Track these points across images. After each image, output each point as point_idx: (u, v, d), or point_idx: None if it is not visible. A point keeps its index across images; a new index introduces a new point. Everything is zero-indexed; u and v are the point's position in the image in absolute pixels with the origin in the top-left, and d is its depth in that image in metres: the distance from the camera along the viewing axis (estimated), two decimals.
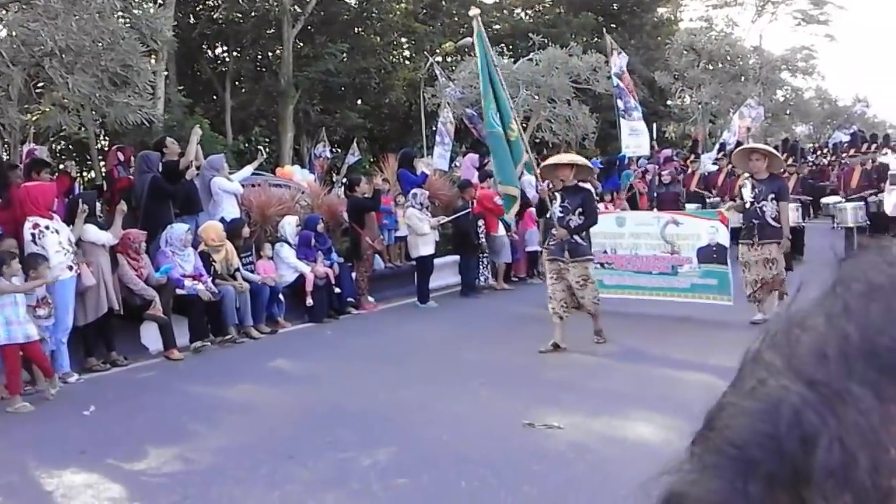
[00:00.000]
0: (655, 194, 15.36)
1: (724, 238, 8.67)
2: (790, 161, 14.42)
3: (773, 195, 7.97)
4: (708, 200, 12.80)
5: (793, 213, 11.00)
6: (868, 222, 12.12)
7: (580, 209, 7.38)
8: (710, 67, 28.04)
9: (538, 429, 5.23)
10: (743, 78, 28.07)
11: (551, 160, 7.88)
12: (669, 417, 5.31)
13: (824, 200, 14.92)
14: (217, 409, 6.14)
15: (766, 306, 8.13)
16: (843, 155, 21.65)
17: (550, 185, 7.80)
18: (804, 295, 0.39)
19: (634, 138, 17.24)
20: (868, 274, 0.37)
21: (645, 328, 8.26)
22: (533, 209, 12.65)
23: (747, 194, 8.20)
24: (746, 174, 8.63)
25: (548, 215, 8.04)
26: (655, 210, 12.63)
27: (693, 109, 27.74)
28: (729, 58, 28.62)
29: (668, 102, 28.39)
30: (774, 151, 8.42)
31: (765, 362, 0.36)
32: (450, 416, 5.67)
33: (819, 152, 27.95)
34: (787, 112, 34.05)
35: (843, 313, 0.35)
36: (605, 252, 9.24)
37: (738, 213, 8.85)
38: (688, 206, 13.50)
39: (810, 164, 22.22)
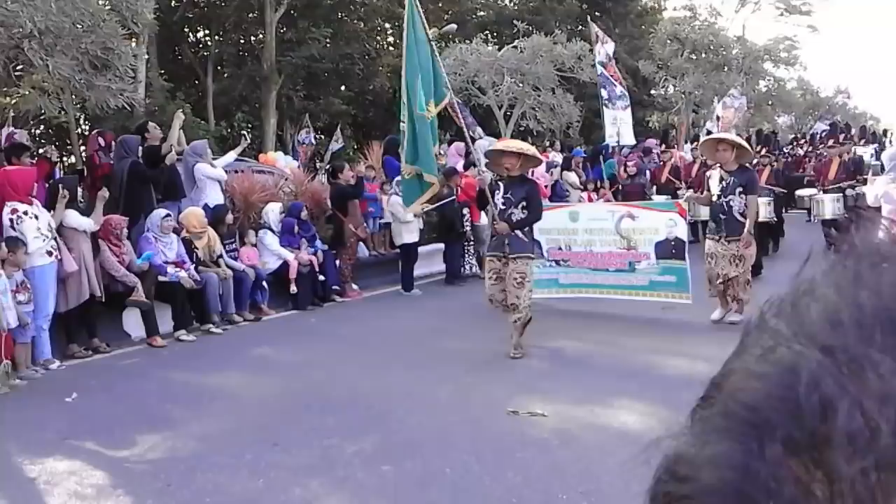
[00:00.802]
0: (620, 186, 14.62)
1: (682, 231, 8.25)
2: (763, 152, 13.50)
3: (741, 188, 7.55)
4: (679, 192, 12.03)
5: (765, 207, 10.69)
6: (846, 215, 11.37)
7: (524, 202, 6.78)
8: (694, 57, 28.16)
9: (522, 416, 5.26)
10: (726, 68, 28.21)
11: (497, 145, 7.27)
12: (651, 405, 5.36)
13: (799, 193, 14.28)
14: (200, 397, 6.12)
15: (724, 307, 7.81)
16: (821, 146, 21.19)
17: (494, 176, 7.44)
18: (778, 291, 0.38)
19: (618, 127, 17.27)
20: (877, 245, 0.37)
21: (627, 317, 8.31)
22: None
23: (714, 186, 7.76)
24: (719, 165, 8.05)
25: (488, 207, 7.39)
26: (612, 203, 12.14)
27: (677, 99, 27.86)
28: (712, 47, 28.75)
29: (652, 92, 28.46)
30: (742, 142, 7.96)
31: (772, 330, 0.36)
32: (434, 403, 5.69)
33: (795, 142, 27.01)
34: (770, 102, 34.28)
35: (855, 282, 0.35)
36: (561, 249, 8.81)
37: (704, 206, 8.44)
38: (658, 197, 12.78)
39: (786, 154, 21.68)
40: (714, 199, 7.74)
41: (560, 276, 8.81)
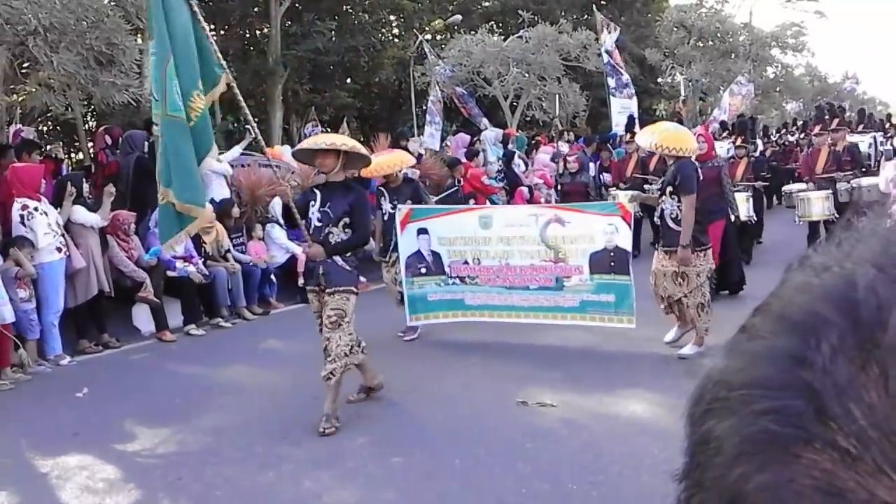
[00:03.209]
0: (559, 186, 12.52)
1: (624, 239, 6.56)
2: (739, 141, 11.57)
3: (671, 188, 6.22)
4: (647, 187, 10.30)
5: (743, 205, 9.70)
6: (836, 216, 9.51)
7: (346, 218, 5.13)
8: (701, 44, 27.98)
9: (531, 407, 5.25)
10: (733, 55, 28.02)
11: (305, 143, 5.55)
12: (660, 395, 5.35)
13: (786, 188, 12.23)
14: (210, 391, 6.14)
15: (682, 326, 6.59)
16: (805, 133, 18.77)
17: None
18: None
19: (625, 115, 17.20)
20: None
21: (638, 307, 8.27)
22: (524, 189, 12.65)
23: (655, 185, 6.76)
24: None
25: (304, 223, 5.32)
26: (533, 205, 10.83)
27: (683, 87, 27.71)
28: (719, 34, 28.54)
29: (659, 80, 28.32)
30: (683, 132, 6.52)
31: (816, 263, 0.37)
32: (443, 394, 5.69)
33: (785, 129, 24.19)
34: (777, 89, 34.06)
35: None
36: (468, 263, 7.12)
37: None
38: (625, 193, 10.29)
39: (773, 143, 18.76)
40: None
41: (466, 295, 7.17)
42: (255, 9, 22.28)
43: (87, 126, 18.03)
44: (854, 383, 0.32)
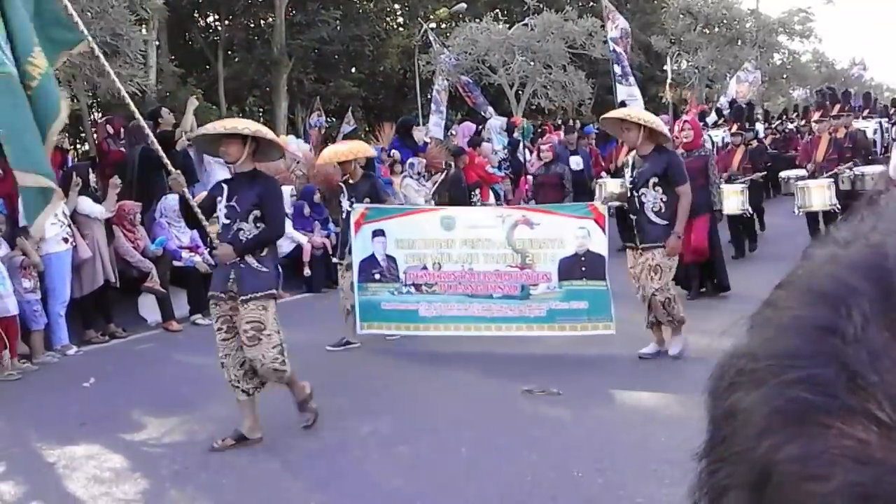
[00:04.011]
0: (532, 178, 11.44)
1: (598, 244, 6.12)
2: (735, 128, 10.94)
3: (655, 179, 5.73)
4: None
5: (737, 197, 9.27)
6: (838, 207, 8.96)
7: (256, 211, 4.56)
8: (707, 31, 27.80)
9: (537, 395, 5.25)
10: (740, 42, 27.85)
11: (204, 129, 4.99)
12: (666, 382, 5.34)
13: (784, 174, 11.65)
14: (216, 380, 6.10)
15: (659, 335, 6.05)
16: (805, 120, 18.01)
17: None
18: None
19: (632, 103, 17.11)
20: None
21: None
22: (530, 177, 12.52)
23: (628, 177, 6.03)
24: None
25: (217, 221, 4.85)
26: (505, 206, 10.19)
27: (690, 74, 27.55)
28: (725, 21, 28.34)
29: (665, 67, 28.15)
30: (653, 123, 5.85)
31: (840, 238, 0.36)
32: (448, 383, 5.69)
33: (785, 116, 22.96)
34: (784, 76, 33.86)
35: None
36: (426, 268, 6.53)
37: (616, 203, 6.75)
38: (614, 183, 9.54)
39: (773, 130, 18.03)
40: (629, 194, 5.98)
41: (420, 306, 6.53)
42: None
43: (91, 117, 18.03)
44: (887, 351, 0.31)
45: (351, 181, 6.81)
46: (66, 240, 7.18)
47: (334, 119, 21.76)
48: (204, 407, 5.49)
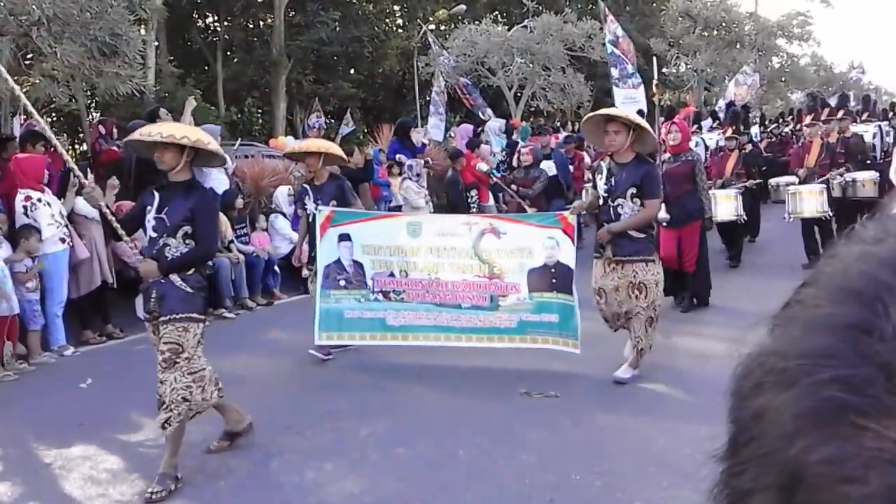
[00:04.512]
0: (569, 175, 11.26)
1: (567, 255, 5.83)
2: (730, 132, 10.57)
3: (634, 190, 5.37)
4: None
5: (730, 203, 9.09)
6: (831, 213, 8.74)
7: (186, 227, 4.23)
8: (706, 34, 27.87)
9: (535, 397, 5.25)
10: (738, 45, 27.90)
11: (139, 134, 4.47)
12: (664, 385, 5.34)
13: (773, 181, 11.20)
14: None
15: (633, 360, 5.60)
16: (799, 124, 16.87)
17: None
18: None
19: (629, 106, 17.10)
20: None
21: None
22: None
23: (600, 185, 5.56)
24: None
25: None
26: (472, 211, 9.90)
27: (688, 77, 27.60)
28: (724, 24, 28.42)
29: (664, 70, 28.16)
30: (642, 122, 5.57)
31: (867, 236, 0.36)
32: (446, 385, 5.68)
33: (781, 119, 22.66)
34: (783, 79, 33.93)
35: None
36: (393, 275, 6.27)
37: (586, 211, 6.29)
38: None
39: (770, 133, 17.91)
40: (601, 203, 5.57)
41: (388, 314, 6.27)
42: None
43: (90, 117, 18.04)
44: None
45: (316, 182, 6.47)
46: (63, 240, 7.17)
47: (333, 120, 21.75)
48: None
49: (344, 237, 6.27)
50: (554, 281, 5.87)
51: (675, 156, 7.52)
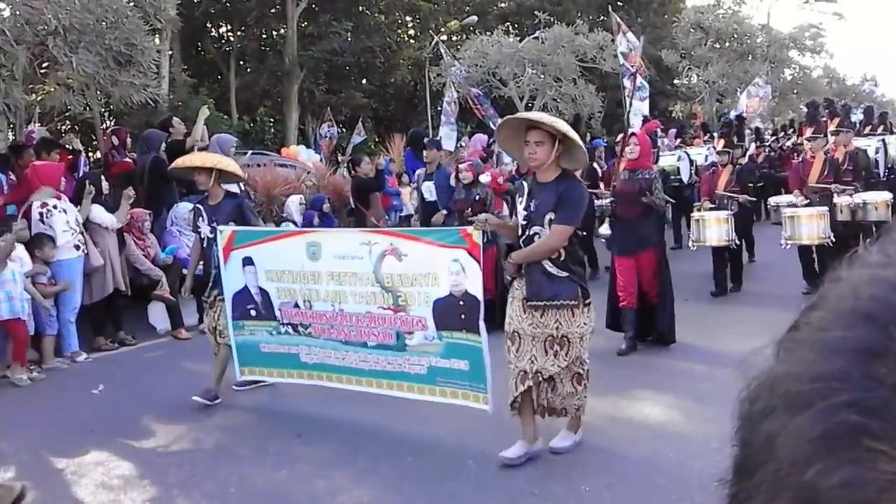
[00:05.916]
0: (450, 199, 8.48)
1: (473, 282, 4.57)
2: (722, 145, 9.31)
3: (552, 215, 4.24)
4: (597, 202, 7.53)
5: (719, 227, 8.14)
6: (832, 239, 7.61)
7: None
8: (718, 46, 27.85)
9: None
10: (750, 56, 27.87)
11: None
12: (673, 398, 5.33)
13: (773, 200, 10.06)
14: (224, 389, 6.16)
15: (528, 430, 4.44)
16: (799, 137, 14.85)
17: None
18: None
19: (636, 118, 17.09)
20: None
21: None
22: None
23: (519, 209, 4.47)
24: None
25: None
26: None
27: (700, 88, 27.57)
28: (736, 36, 28.40)
29: (675, 81, 28.19)
30: (571, 133, 4.21)
31: (874, 261, 0.36)
32: None
33: (782, 132, 20.94)
34: (795, 91, 33.81)
35: None
36: (298, 306, 5.36)
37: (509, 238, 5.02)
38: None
39: (767, 147, 16.29)
40: (519, 231, 4.45)
41: (301, 350, 5.42)
42: (272, 9, 22.41)
43: (104, 126, 18.19)
44: None
45: (210, 202, 5.85)
46: (77, 247, 7.23)
47: (345, 130, 21.84)
48: (212, 415, 5.50)
49: (247, 261, 5.51)
50: (463, 316, 4.62)
51: (631, 172, 6.65)
